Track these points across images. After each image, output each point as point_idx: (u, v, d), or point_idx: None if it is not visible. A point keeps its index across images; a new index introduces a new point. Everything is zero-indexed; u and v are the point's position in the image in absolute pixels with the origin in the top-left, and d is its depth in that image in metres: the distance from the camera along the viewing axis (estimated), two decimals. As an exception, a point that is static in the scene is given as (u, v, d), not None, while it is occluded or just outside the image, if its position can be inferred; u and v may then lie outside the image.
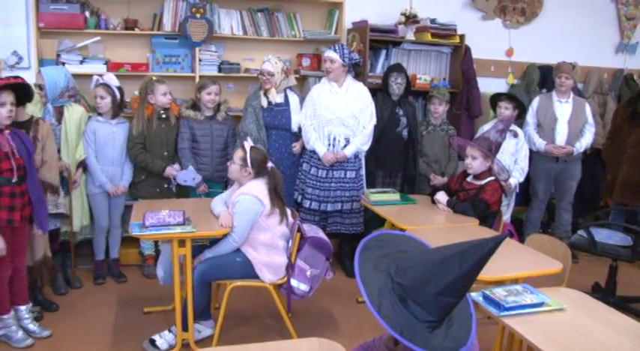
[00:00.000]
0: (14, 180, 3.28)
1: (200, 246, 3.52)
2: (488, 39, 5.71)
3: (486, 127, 4.50)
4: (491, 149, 3.86)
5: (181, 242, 3.27)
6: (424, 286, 1.50)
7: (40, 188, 3.54)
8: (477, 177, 3.92)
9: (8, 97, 3.22)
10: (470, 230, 3.50)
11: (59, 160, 3.96)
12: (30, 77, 4.06)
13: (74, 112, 4.16)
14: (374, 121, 4.48)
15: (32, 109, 3.88)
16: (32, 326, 3.60)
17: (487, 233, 3.43)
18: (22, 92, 3.34)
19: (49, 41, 4.72)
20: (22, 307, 3.60)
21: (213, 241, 3.49)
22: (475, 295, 2.41)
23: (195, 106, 4.44)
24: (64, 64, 4.68)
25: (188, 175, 4.33)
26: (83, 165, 4.23)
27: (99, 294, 4.29)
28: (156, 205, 3.68)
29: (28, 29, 4.68)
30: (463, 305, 1.63)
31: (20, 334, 3.51)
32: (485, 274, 1.80)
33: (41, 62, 4.67)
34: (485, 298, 2.40)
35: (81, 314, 3.94)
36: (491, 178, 3.88)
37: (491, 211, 3.82)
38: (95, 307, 4.05)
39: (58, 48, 4.75)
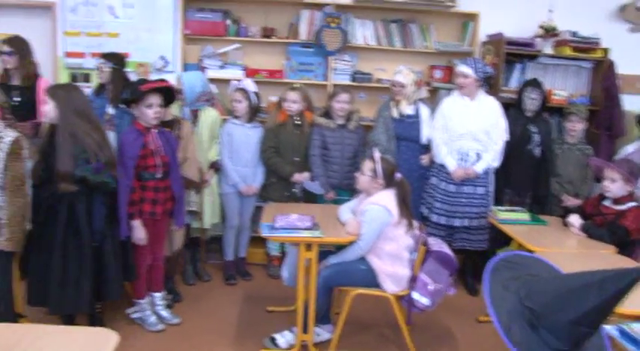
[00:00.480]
0: (159, 175, 3.52)
1: (325, 251, 3.58)
2: (636, 53, 5.34)
3: (630, 148, 4.23)
4: (634, 172, 3.63)
5: (308, 246, 3.34)
6: (557, 313, 1.44)
7: (182, 185, 3.76)
8: (616, 201, 3.70)
9: (156, 99, 3.45)
10: (606, 258, 3.30)
11: None
12: (172, 81, 4.32)
13: (208, 116, 4.37)
14: (506, 137, 4.35)
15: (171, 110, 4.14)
16: (164, 313, 3.85)
17: (626, 263, 3.22)
18: (168, 94, 3.56)
19: (193, 47, 5.02)
20: (157, 294, 3.85)
21: (339, 248, 3.53)
22: (610, 329, 2.27)
23: (327, 114, 4.52)
24: (205, 68, 4.96)
25: (313, 187, 4.45)
26: (215, 165, 4.42)
27: (225, 289, 4.49)
28: (286, 208, 3.79)
29: (175, 35, 5.01)
30: (597, 338, 1.54)
31: (153, 318, 3.77)
32: (623, 306, 1.68)
33: (185, 67, 4.98)
34: (622, 333, 2.24)
35: (208, 306, 4.14)
36: (634, 203, 3.64)
37: (631, 239, 3.58)
38: (221, 301, 4.24)
39: (201, 53, 5.03)
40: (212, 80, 4.79)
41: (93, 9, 5.03)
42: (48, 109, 3.20)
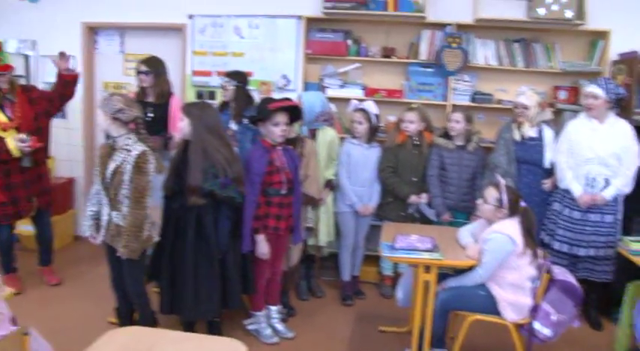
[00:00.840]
0: (283, 192, 3.63)
1: (443, 274, 3.52)
2: None
3: None
4: None
5: (427, 268, 3.31)
6: None
7: (301, 202, 3.85)
8: None
9: (283, 118, 3.56)
10: None
11: None
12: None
13: (326, 135, 4.43)
14: (639, 162, 4.10)
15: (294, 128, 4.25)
16: (279, 326, 3.94)
17: None
18: (293, 113, 3.66)
19: (314, 66, 5.15)
20: (273, 308, 3.96)
21: (457, 271, 3.47)
22: None
23: (446, 134, 4.47)
24: (325, 87, 5.06)
25: (427, 210, 4.44)
26: (330, 184, 4.47)
27: (338, 306, 4.53)
28: (404, 228, 3.78)
29: (297, 55, 5.15)
30: None
31: (269, 331, 3.87)
32: None
33: (306, 85, 5.11)
34: None
35: (321, 322, 4.20)
36: None
37: None
38: (334, 318, 4.28)
39: (322, 73, 5.15)
40: (332, 99, 4.87)
41: (220, 30, 5.30)
42: (182, 126, 3.39)
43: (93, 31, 5.78)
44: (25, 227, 4.94)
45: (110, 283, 3.63)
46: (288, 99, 3.78)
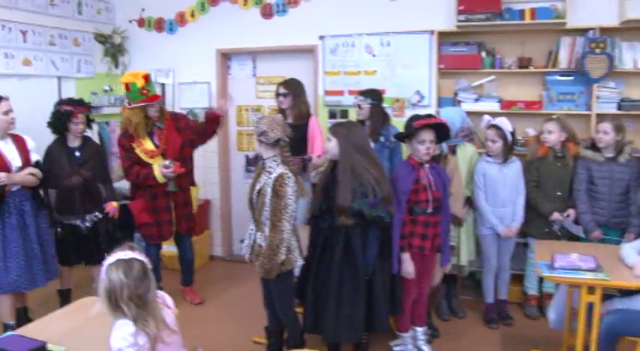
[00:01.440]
0: (429, 210, 3.55)
1: (605, 295, 3.29)
2: None
3: None
4: None
5: (591, 289, 3.10)
6: None
7: (449, 222, 3.75)
8: None
9: (428, 135, 3.49)
10: None
11: None
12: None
13: (466, 151, 4.33)
14: None
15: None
16: (425, 348, 3.85)
17: None
18: (439, 131, 3.58)
19: (447, 81, 5.06)
20: (420, 329, 3.87)
21: (623, 292, 3.23)
22: None
23: (594, 146, 4.21)
24: (460, 102, 4.95)
25: (574, 227, 4.20)
26: (470, 202, 4.35)
27: (481, 327, 4.37)
28: (558, 246, 3.59)
29: (430, 70, 5.08)
30: None
31: (414, 353, 3.78)
32: None
33: (440, 101, 5.03)
34: None
35: (466, 344, 4.07)
36: None
37: None
38: (479, 340, 4.14)
39: (456, 87, 5.04)
40: (467, 113, 4.73)
41: (351, 49, 5.33)
42: (330, 146, 3.41)
43: (226, 56, 6.01)
44: (167, 248, 5.15)
45: (262, 301, 3.70)
46: (432, 116, 3.71)
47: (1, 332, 4.00)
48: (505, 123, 4.19)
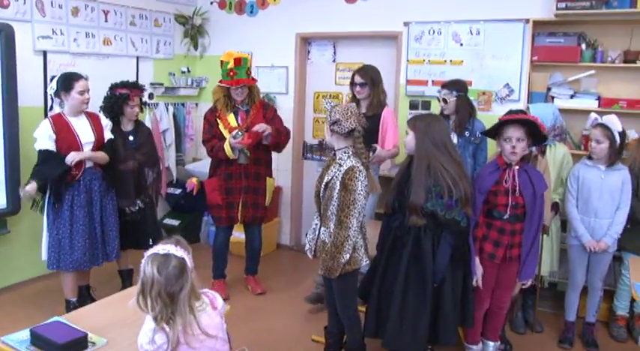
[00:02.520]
0: (505, 217, 3.22)
1: None
2: None
3: None
4: None
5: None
6: None
7: (536, 235, 3.33)
8: None
9: (515, 133, 3.15)
10: None
11: None
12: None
13: (557, 152, 3.96)
14: None
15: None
16: (495, 364, 3.53)
17: None
18: (532, 130, 3.21)
19: (540, 74, 4.65)
20: (491, 343, 3.58)
21: None
22: None
23: None
24: (553, 98, 4.54)
25: None
26: (556, 207, 3.98)
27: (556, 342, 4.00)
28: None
29: (522, 62, 4.68)
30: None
31: (483, 368, 3.48)
32: None
33: (530, 96, 4.63)
34: None
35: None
36: None
37: None
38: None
39: (549, 81, 4.62)
40: (560, 110, 4.30)
41: (438, 37, 5.01)
42: (407, 140, 3.15)
43: (306, 41, 5.82)
44: (234, 234, 4.99)
45: (325, 299, 3.49)
46: (523, 112, 3.36)
47: (64, 308, 4.04)
48: (614, 122, 3.71)
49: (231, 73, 4.24)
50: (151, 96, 5.63)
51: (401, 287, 3.13)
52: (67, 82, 3.87)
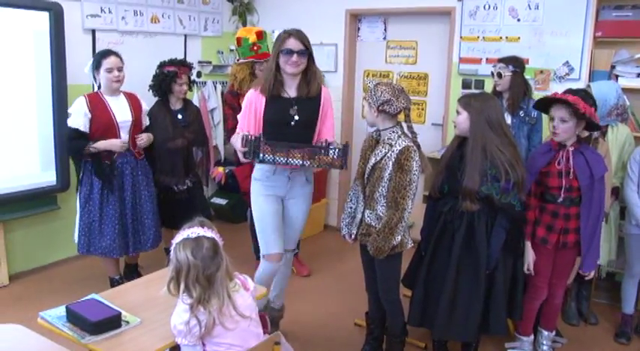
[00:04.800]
0: (560, 200, 3.05)
1: None
2: None
3: None
4: None
5: None
6: None
7: (596, 221, 3.13)
8: None
9: (559, 112, 2.98)
10: None
11: None
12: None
13: (619, 133, 3.74)
14: None
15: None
16: (547, 356, 3.37)
17: None
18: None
19: (603, 51, 4.37)
20: (545, 333, 3.43)
21: None
22: None
23: None
24: (617, 77, 4.26)
25: None
26: (616, 192, 3.75)
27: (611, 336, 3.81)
28: None
29: (584, 39, 4.40)
30: None
31: (532, 359, 3.34)
32: None
33: (592, 74, 4.37)
34: None
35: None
36: None
37: None
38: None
39: (613, 59, 4.33)
40: (625, 90, 4.04)
41: (493, 12, 4.76)
42: (460, 120, 3.00)
43: (356, 18, 5.67)
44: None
45: (365, 285, 3.39)
46: (584, 91, 3.16)
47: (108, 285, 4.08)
48: None
49: (255, 48, 4.10)
50: (199, 74, 5.59)
51: (453, 274, 3.03)
52: (97, 59, 3.85)
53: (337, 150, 2.99)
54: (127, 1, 4.95)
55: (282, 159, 2.95)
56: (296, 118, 3.12)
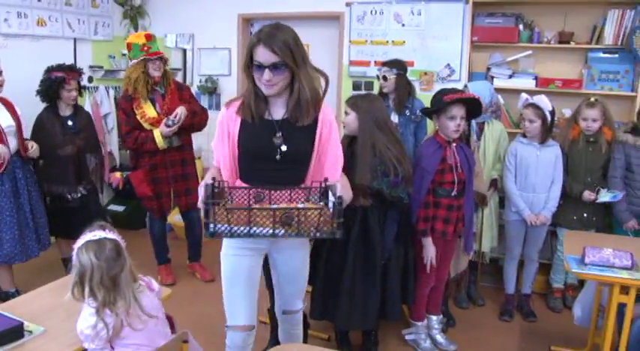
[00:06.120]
0: (454, 193, 3.29)
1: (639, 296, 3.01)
2: None
3: None
4: None
5: (624, 289, 2.82)
6: None
7: (473, 206, 3.47)
8: None
9: (459, 111, 3.19)
10: None
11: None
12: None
13: (494, 130, 4.03)
14: None
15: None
16: (440, 338, 3.63)
17: None
18: (472, 107, 3.27)
19: (480, 55, 4.75)
20: (434, 317, 3.65)
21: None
22: None
23: (635, 130, 3.86)
24: (492, 77, 4.63)
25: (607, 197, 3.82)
26: (495, 184, 4.05)
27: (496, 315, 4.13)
28: (591, 239, 3.31)
29: (463, 43, 4.75)
30: None
31: (428, 343, 3.58)
32: None
33: (471, 75, 4.72)
34: None
35: (483, 336, 3.83)
36: None
37: None
38: (498, 332, 3.89)
39: (489, 61, 4.71)
40: (499, 90, 4.43)
41: (380, 17, 5.03)
42: (349, 120, 3.16)
43: (248, 22, 5.76)
44: (178, 218, 4.92)
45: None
46: (462, 91, 3.43)
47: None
48: (544, 101, 3.83)
49: (145, 48, 4.06)
50: (90, 79, 5.48)
51: (350, 266, 3.18)
52: None
53: (334, 204, 2.11)
54: (8, 2, 4.75)
55: (242, 229, 2.11)
56: (283, 148, 2.33)
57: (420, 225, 3.28)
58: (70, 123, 4.21)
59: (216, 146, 2.44)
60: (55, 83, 4.09)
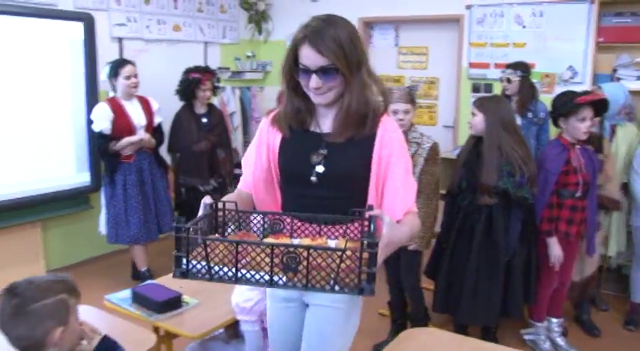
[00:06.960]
0: (578, 194, 3.28)
1: None
2: None
3: None
4: None
5: None
6: None
7: (597, 209, 3.45)
8: None
9: (589, 113, 3.20)
10: None
11: None
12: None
13: (627, 132, 3.94)
14: None
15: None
16: (560, 341, 3.60)
17: None
18: (600, 109, 3.27)
19: (605, 56, 4.63)
20: (555, 320, 3.63)
21: None
22: None
23: None
24: (619, 80, 4.53)
25: None
26: (625, 188, 3.92)
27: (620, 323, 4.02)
28: None
29: (587, 44, 4.66)
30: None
31: (547, 345, 3.57)
32: None
33: (595, 78, 4.62)
34: None
35: (607, 344, 3.75)
36: None
37: None
38: (619, 339, 3.81)
39: (615, 63, 4.60)
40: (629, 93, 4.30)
41: (500, 19, 5.03)
42: (476, 121, 3.24)
43: (368, 26, 5.92)
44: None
45: (385, 278, 3.61)
46: (591, 92, 3.41)
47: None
48: None
49: None
50: (218, 80, 5.83)
51: (475, 263, 3.28)
52: (114, 68, 4.13)
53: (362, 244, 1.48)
54: (150, 11, 5.20)
55: (226, 271, 1.47)
56: (318, 170, 1.79)
57: (545, 225, 3.29)
58: (204, 120, 4.54)
59: (247, 162, 1.93)
60: (192, 83, 4.44)
